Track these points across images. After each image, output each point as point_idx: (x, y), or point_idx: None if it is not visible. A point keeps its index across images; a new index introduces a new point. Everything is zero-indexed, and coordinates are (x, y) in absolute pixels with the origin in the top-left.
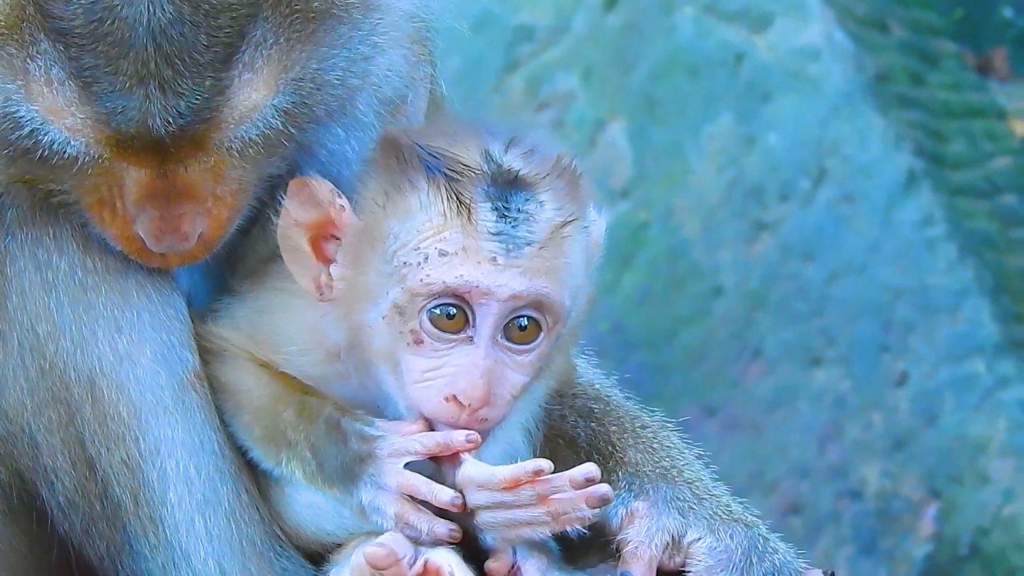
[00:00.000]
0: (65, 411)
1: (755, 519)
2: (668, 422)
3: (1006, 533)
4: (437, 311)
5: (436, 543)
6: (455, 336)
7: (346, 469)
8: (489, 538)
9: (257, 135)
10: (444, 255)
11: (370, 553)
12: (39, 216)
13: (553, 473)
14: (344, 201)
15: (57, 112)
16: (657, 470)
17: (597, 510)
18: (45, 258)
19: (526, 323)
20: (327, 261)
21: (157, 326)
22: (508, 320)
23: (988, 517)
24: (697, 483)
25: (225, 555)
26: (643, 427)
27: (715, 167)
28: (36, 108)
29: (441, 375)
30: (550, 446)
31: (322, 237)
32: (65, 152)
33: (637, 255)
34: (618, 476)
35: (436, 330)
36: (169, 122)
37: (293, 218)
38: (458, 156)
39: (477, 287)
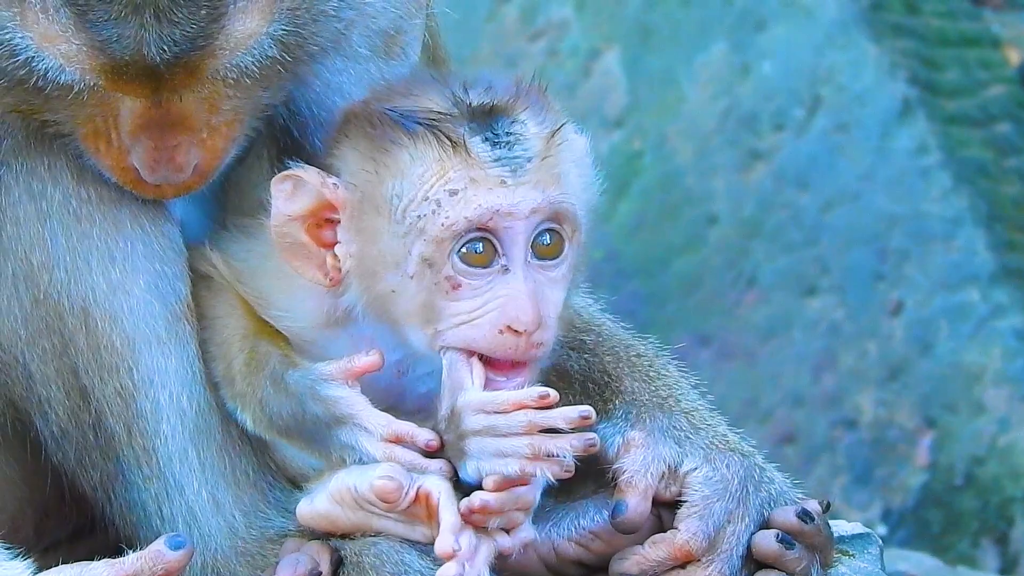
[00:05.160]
0: (59, 341)
1: (751, 449)
2: (663, 351)
3: (1001, 462)
4: (465, 249)
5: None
6: (489, 269)
7: (313, 430)
8: (469, 471)
9: (252, 63)
10: (455, 194)
11: (379, 487)
12: (34, 146)
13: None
14: (334, 179)
15: (52, 39)
16: (653, 399)
17: (575, 461)
18: (40, 188)
19: (549, 239)
20: (327, 246)
21: (151, 256)
22: (533, 239)
23: (983, 446)
24: (694, 413)
25: (219, 486)
26: (638, 356)
27: (709, 95)
28: (31, 35)
29: (488, 311)
30: (543, 380)
31: (317, 225)
32: (60, 80)
33: (631, 183)
34: (614, 405)
35: (469, 268)
36: (164, 50)
37: (286, 214)
38: (428, 106)
39: (498, 211)
